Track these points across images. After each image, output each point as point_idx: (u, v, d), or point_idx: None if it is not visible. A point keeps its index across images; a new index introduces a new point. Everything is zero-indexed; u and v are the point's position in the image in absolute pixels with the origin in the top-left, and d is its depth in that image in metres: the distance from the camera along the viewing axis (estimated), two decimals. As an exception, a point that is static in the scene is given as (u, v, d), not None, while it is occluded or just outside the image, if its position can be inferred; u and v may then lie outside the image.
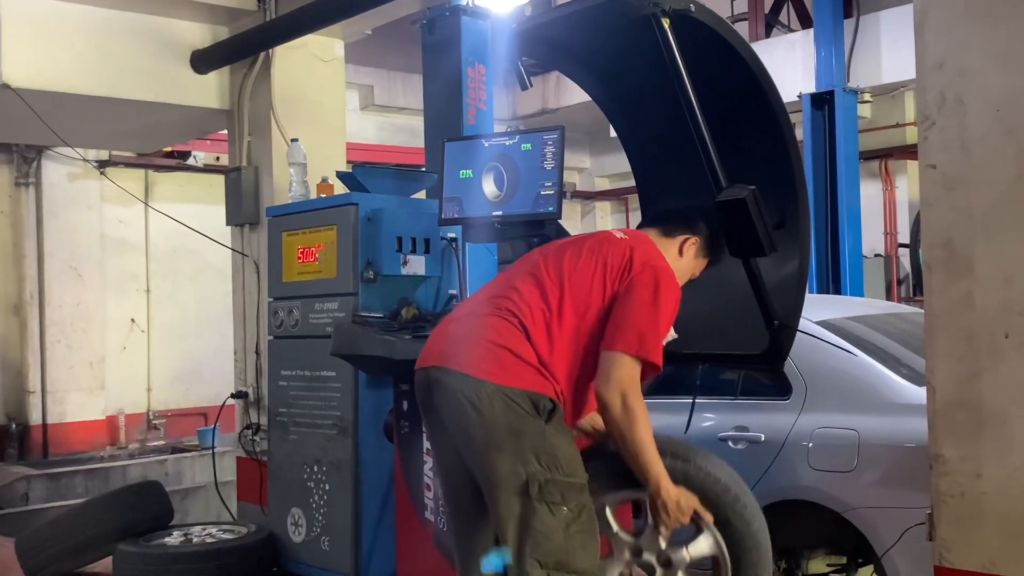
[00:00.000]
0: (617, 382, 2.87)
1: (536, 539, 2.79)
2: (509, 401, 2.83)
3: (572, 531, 2.83)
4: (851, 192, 10.34)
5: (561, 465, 2.85)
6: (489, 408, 2.82)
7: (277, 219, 5.16)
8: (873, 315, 5.23)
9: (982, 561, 2.81)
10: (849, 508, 4.27)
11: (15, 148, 10.40)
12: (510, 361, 2.88)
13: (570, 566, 2.80)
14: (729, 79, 3.63)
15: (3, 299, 10.53)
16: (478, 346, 2.92)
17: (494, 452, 2.83)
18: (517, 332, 2.91)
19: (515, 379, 2.87)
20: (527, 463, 2.82)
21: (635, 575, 3.12)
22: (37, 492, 9.01)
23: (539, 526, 2.79)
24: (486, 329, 2.94)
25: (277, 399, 5.12)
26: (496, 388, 2.84)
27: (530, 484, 2.81)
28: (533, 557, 2.79)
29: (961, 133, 2.85)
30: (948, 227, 2.89)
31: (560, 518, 2.81)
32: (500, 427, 2.82)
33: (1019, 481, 2.75)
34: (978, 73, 2.82)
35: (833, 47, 10.58)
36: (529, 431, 2.84)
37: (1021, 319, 2.74)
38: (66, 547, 4.85)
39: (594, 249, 3.06)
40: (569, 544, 2.81)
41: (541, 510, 2.80)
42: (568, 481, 2.85)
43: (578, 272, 3.00)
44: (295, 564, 4.94)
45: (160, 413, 11.50)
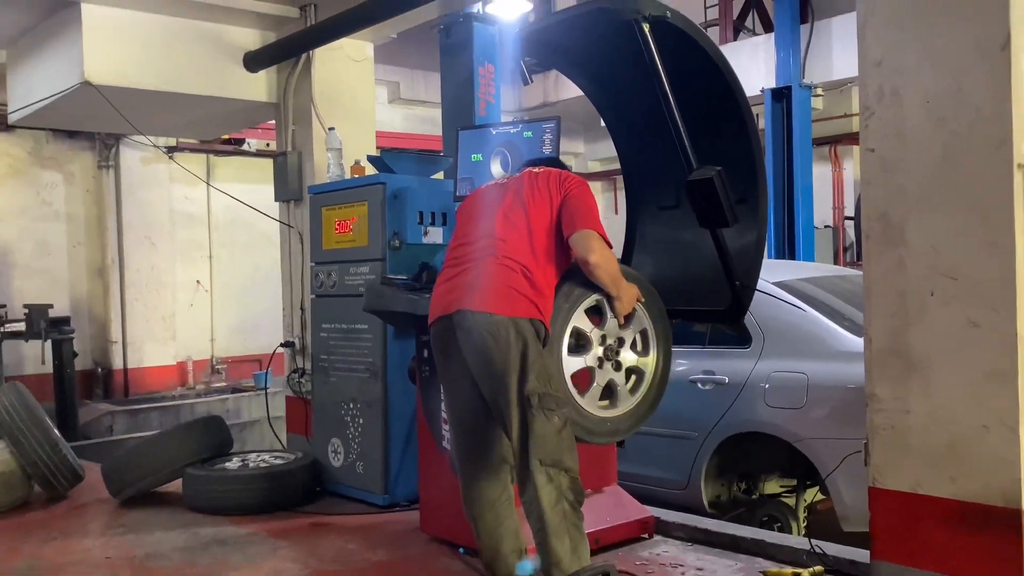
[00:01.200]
0: (594, 248, 3.09)
1: (536, 441, 2.92)
2: (518, 329, 2.97)
3: (563, 435, 2.97)
4: (805, 173, 10.31)
5: (552, 381, 3.02)
6: (505, 336, 2.96)
7: (317, 196, 5.15)
8: (821, 277, 5.23)
9: (909, 482, 2.84)
10: (799, 439, 4.30)
11: (97, 136, 10.38)
12: (516, 297, 3.02)
13: (563, 463, 2.95)
14: (701, 76, 3.59)
15: (89, 264, 10.56)
16: (490, 289, 3.04)
17: (508, 372, 2.95)
18: (516, 274, 3.06)
19: (521, 310, 3.00)
20: (529, 380, 2.95)
21: (604, 369, 3.30)
22: (119, 425, 9.08)
23: (539, 430, 2.93)
24: (493, 275, 3.07)
25: (319, 348, 5.14)
26: (508, 320, 2.98)
27: (531, 396, 2.94)
28: (536, 457, 2.92)
29: (897, 122, 2.84)
30: (884, 203, 2.88)
31: (553, 424, 2.95)
32: (513, 350, 2.95)
33: (940, 416, 2.77)
34: (912, 70, 2.81)
35: (791, 49, 10.52)
36: (531, 353, 2.97)
37: (945, 280, 2.74)
38: (144, 470, 4.88)
39: (534, 185, 3.25)
40: (561, 446, 2.96)
41: (540, 417, 2.93)
42: (558, 395, 3.02)
43: (535, 205, 3.18)
44: (335, 485, 4.98)
45: (222, 360, 11.56)
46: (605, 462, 4.02)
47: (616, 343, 3.33)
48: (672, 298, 4.00)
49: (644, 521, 3.98)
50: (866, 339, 2.95)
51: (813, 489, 4.58)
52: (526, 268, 3.06)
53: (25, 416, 4.99)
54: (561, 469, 2.93)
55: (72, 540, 4.29)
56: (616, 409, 3.33)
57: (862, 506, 3.08)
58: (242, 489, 4.68)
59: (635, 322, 3.39)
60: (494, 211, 3.23)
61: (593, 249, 3.08)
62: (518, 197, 3.23)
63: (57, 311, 8.39)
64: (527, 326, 2.98)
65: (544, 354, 3.01)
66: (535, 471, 2.91)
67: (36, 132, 9.92)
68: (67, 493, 5.15)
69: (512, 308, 2.99)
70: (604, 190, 15.78)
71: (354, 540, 4.13)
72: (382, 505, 4.66)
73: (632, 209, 4.28)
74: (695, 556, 3.73)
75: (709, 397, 4.69)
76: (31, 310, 7.97)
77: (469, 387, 3.11)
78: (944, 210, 2.74)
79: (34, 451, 4.91)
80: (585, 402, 3.23)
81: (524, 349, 2.95)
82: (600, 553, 3.71)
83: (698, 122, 3.44)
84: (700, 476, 4.67)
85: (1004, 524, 2.63)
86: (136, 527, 4.47)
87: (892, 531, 2.90)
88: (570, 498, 2.94)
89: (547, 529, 2.89)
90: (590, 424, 3.22)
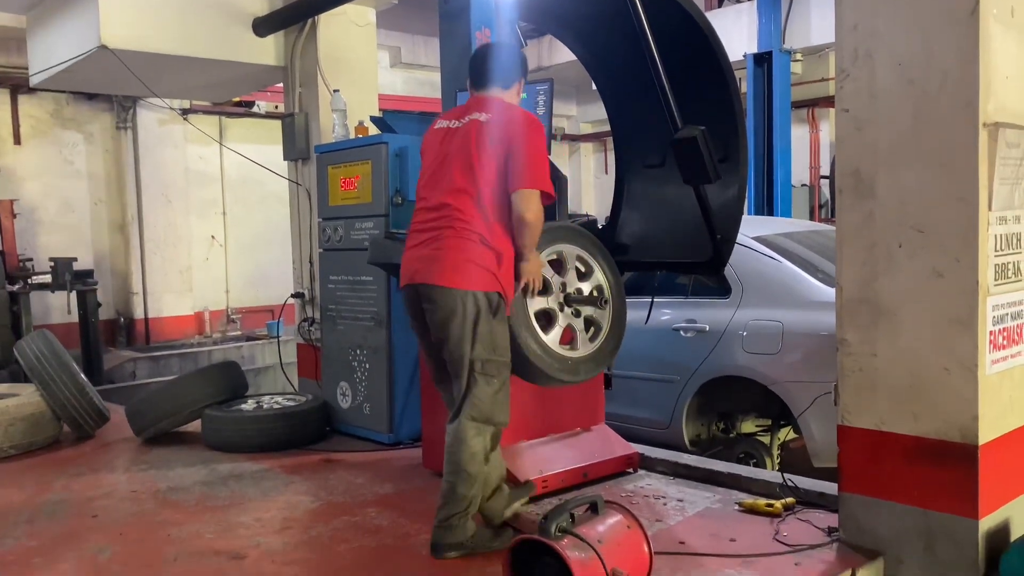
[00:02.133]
0: (528, 209, 3.02)
1: (472, 401, 3.04)
2: (475, 301, 3.02)
3: (498, 397, 3.08)
4: (783, 134, 10.23)
5: (497, 348, 3.08)
6: (462, 309, 3.01)
7: (323, 155, 5.10)
8: (797, 232, 5.21)
9: (874, 420, 2.87)
10: (774, 382, 4.33)
11: (114, 99, 10.25)
12: (473, 270, 3.03)
13: (493, 420, 3.08)
14: (686, 41, 3.55)
15: (110, 221, 10.50)
16: (449, 264, 3.04)
17: (461, 340, 3.03)
18: (474, 244, 3.04)
19: (478, 283, 3.03)
20: (476, 348, 3.03)
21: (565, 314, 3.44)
22: (142, 370, 9.11)
23: (477, 392, 3.04)
24: (452, 248, 3.05)
25: (327, 298, 5.14)
26: (467, 292, 3.02)
27: (474, 362, 3.03)
28: (468, 413, 3.04)
29: (870, 83, 2.81)
30: (857, 160, 2.87)
31: (492, 388, 3.06)
32: (467, 321, 3.01)
33: (905, 360, 2.79)
34: (885, 34, 2.78)
35: (772, 15, 10.37)
36: (481, 324, 3.03)
37: (912, 232, 2.75)
38: (165, 411, 4.90)
39: (479, 142, 3.08)
40: (495, 406, 3.07)
41: (480, 381, 3.04)
42: (501, 360, 3.09)
43: (483, 168, 3.06)
44: (343, 425, 5.02)
45: (236, 310, 11.56)
46: (593, 403, 4.06)
47: (576, 292, 3.46)
48: (657, 251, 4.01)
49: (629, 457, 4.02)
50: (837, 288, 2.96)
51: (786, 428, 4.63)
52: (483, 236, 3.04)
53: (53, 361, 5.00)
54: (491, 424, 3.08)
55: (100, 475, 4.34)
56: (576, 351, 3.44)
57: (831, 443, 3.11)
58: (257, 429, 4.71)
59: (592, 279, 3.51)
60: (449, 172, 3.12)
61: (530, 209, 3.03)
62: (466, 157, 3.10)
63: (81, 265, 8.37)
64: (482, 298, 3.03)
65: (494, 323, 3.06)
66: (466, 426, 3.04)
67: (57, 95, 9.80)
68: (94, 433, 5.19)
69: (469, 282, 3.02)
70: (595, 151, 15.69)
71: (362, 475, 4.18)
72: (387, 443, 4.71)
73: (621, 168, 4.26)
74: (676, 488, 3.78)
75: (691, 344, 4.71)
76: (56, 263, 7.95)
77: (435, 344, 3.19)
78: (913, 167, 2.73)
79: (62, 394, 4.93)
80: (549, 339, 3.35)
81: (476, 319, 3.02)
82: (588, 486, 3.78)
83: (683, 84, 3.41)
84: (682, 416, 4.72)
85: (961, 458, 2.67)
86: (158, 463, 4.51)
87: (859, 465, 2.94)
88: (487, 446, 3.08)
89: (459, 474, 3.03)
90: (554, 360, 3.32)
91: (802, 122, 11.64)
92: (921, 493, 2.77)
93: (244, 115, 11.14)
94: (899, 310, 2.78)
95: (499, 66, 3.31)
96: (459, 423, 3.05)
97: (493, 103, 3.21)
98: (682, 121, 3.36)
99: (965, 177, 2.62)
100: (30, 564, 3.10)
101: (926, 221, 2.70)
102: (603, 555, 2.41)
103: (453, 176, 3.10)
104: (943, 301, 2.68)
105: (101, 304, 8.53)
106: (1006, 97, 2.68)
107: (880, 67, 2.78)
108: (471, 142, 3.11)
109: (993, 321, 2.68)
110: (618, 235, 4.16)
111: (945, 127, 2.65)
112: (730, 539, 3.11)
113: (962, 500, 2.68)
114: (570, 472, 3.76)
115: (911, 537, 2.80)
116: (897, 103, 2.75)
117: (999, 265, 2.70)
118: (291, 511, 3.66)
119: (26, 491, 4.08)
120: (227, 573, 2.98)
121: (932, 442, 2.73)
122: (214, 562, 3.08)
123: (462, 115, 3.24)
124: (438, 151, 3.23)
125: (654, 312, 4.43)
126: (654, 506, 3.54)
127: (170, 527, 3.47)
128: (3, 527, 3.53)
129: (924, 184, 2.70)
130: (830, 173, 11.24)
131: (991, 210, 2.64)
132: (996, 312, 2.70)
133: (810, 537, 3.08)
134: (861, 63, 2.82)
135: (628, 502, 3.50)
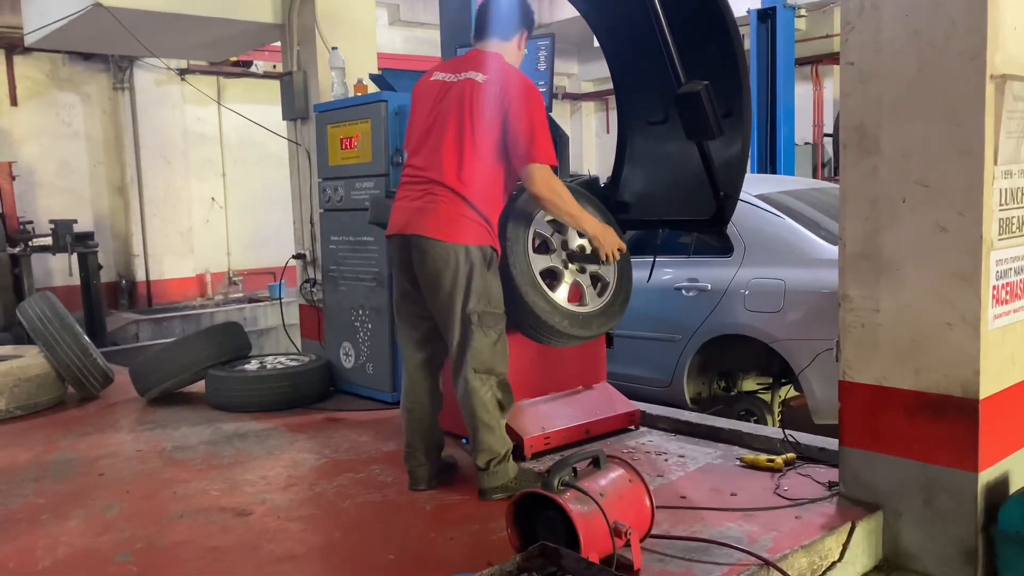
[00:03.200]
0: (542, 183, 3.05)
1: (473, 353, 3.08)
2: (468, 255, 3.04)
3: (497, 347, 3.12)
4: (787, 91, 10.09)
5: (492, 300, 3.11)
6: (455, 262, 3.03)
7: (323, 114, 5.06)
8: (800, 190, 5.19)
9: (876, 376, 2.88)
10: (775, 340, 4.35)
11: (111, 59, 10.15)
12: (467, 224, 3.05)
13: (495, 370, 3.13)
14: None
15: (109, 182, 10.46)
16: (443, 216, 3.05)
17: (454, 294, 3.05)
18: (466, 203, 3.05)
19: (471, 237, 3.05)
20: (471, 301, 3.05)
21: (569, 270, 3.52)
22: (145, 332, 9.14)
23: (476, 344, 3.08)
24: (445, 201, 3.06)
25: (328, 259, 5.14)
26: (460, 247, 3.04)
27: (471, 315, 3.06)
28: (471, 366, 3.08)
29: (876, 35, 2.77)
30: (861, 114, 2.84)
31: (490, 338, 3.09)
32: (460, 275, 3.04)
33: (906, 316, 2.79)
34: (892, -16, 2.72)
35: (776, -30, 10.17)
36: (476, 278, 3.05)
37: (915, 187, 2.73)
38: (168, 371, 4.93)
39: (474, 109, 3.05)
40: (494, 356, 3.12)
41: (479, 332, 3.07)
42: (497, 312, 3.13)
43: (479, 131, 3.05)
44: (346, 384, 5.04)
45: (238, 272, 11.57)
46: (595, 362, 4.07)
47: (579, 249, 3.51)
48: (659, 208, 3.99)
49: (631, 414, 4.05)
50: (840, 244, 2.95)
51: (787, 386, 4.65)
52: (476, 195, 3.06)
53: (56, 323, 5.02)
54: (493, 375, 3.11)
55: (105, 435, 4.37)
56: (586, 307, 3.52)
57: (832, 401, 3.13)
58: (261, 388, 4.74)
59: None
60: (441, 137, 3.10)
61: (544, 183, 3.04)
62: (459, 123, 3.06)
63: (81, 227, 8.35)
64: (476, 252, 3.05)
65: (488, 276, 3.09)
66: (470, 377, 3.09)
67: (52, 55, 9.71)
68: (99, 394, 5.22)
69: (462, 236, 3.03)
70: (597, 110, 15.57)
71: (365, 433, 4.21)
72: (390, 402, 4.73)
73: (623, 125, 4.22)
74: (677, 444, 3.81)
75: (693, 303, 4.71)
76: (57, 225, 7.94)
77: (421, 298, 3.19)
78: (918, 120, 2.70)
79: (66, 355, 4.96)
80: (557, 297, 3.42)
81: (470, 273, 3.04)
82: (590, 442, 3.81)
83: (686, 39, 3.36)
84: (683, 374, 4.74)
85: (962, 412, 2.68)
86: (163, 423, 4.55)
87: (859, 420, 2.95)
88: (499, 396, 3.14)
89: (477, 424, 3.13)
90: (564, 317, 3.39)
91: (806, 80, 11.53)
92: (921, 447, 2.79)
93: (242, 75, 11.04)
94: (902, 265, 2.78)
95: (498, 16, 3.24)
96: (464, 377, 3.09)
97: (491, 61, 3.15)
98: (685, 76, 3.32)
99: (970, 131, 2.59)
100: (39, 521, 3.14)
101: (930, 175, 2.68)
102: (605, 508, 2.43)
103: (446, 143, 3.08)
104: (946, 256, 2.67)
105: (102, 266, 8.53)
106: (1014, 48, 2.64)
107: (886, 18, 2.74)
108: (465, 107, 3.07)
109: (996, 276, 2.68)
110: (620, 193, 4.14)
111: (951, 79, 2.61)
112: (731, 493, 3.14)
113: (962, 454, 2.70)
114: (572, 429, 3.79)
115: (911, 491, 2.83)
116: (903, 55, 2.71)
117: (1003, 219, 2.68)
118: (295, 468, 3.69)
119: (33, 450, 4.12)
120: (232, 529, 3.01)
121: (933, 397, 2.74)
122: (219, 518, 3.11)
123: (459, 69, 3.19)
124: (431, 108, 3.18)
125: (656, 271, 4.43)
126: (655, 462, 3.57)
127: (176, 485, 3.51)
128: (11, 485, 3.57)
129: (929, 138, 2.68)
130: (834, 131, 11.16)
131: (996, 164, 2.62)
132: (999, 267, 2.69)
133: (810, 491, 3.11)
134: (867, 14, 2.78)
135: (630, 458, 3.53)
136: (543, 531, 2.49)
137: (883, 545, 2.92)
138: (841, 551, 2.77)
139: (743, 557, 2.57)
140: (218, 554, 2.80)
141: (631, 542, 2.47)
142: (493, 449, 3.14)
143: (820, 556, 2.71)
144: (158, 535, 2.98)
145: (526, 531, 2.55)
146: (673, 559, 2.58)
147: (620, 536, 2.44)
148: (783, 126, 10.02)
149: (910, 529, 2.85)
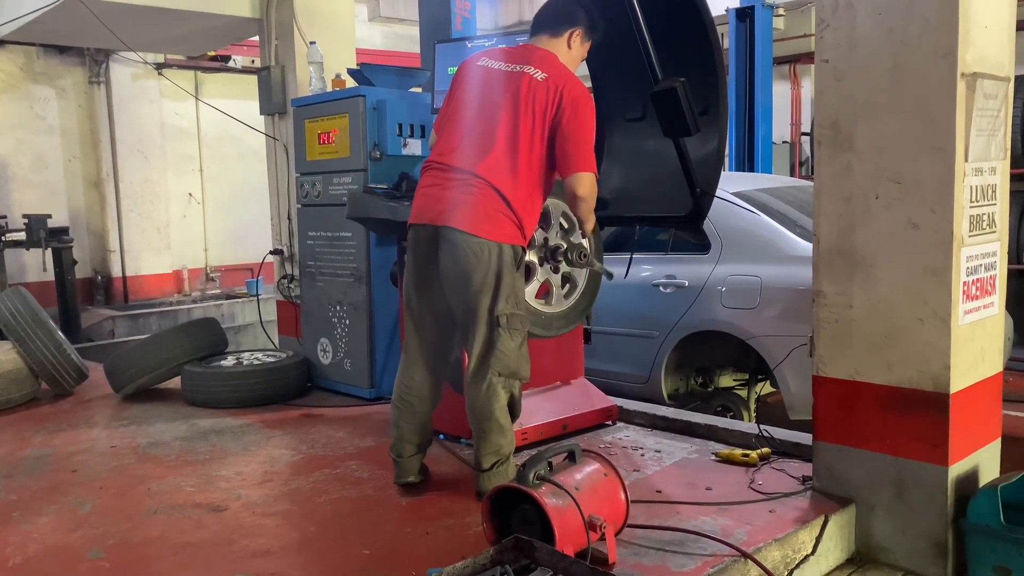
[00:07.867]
0: (591, 191, 3.02)
1: (498, 356, 2.98)
2: (500, 253, 2.94)
3: (522, 351, 3.04)
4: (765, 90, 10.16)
5: (520, 302, 3.04)
6: (487, 259, 2.93)
7: (300, 109, 5.03)
8: (777, 187, 5.22)
9: (849, 371, 2.91)
10: (752, 336, 4.37)
11: (87, 52, 10.02)
12: (502, 221, 2.95)
13: (519, 374, 3.04)
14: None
15: (85, 177, 10.33)
16: (478, 211, 2.94)
17: (482, 292, 2.94)
18: (503, 200, 2.94)
19: (506, 236, 2.95)
20: (500, 301, 2.96)
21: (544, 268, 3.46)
22: (121, 329, 9.04)
23: (503, 347, 2.98)
24: (482, 196, 2.94)
25: (306, 255, 5.11)
26: (493, 244, 2.93)
27: (500, 317, 2.96)
28: (495, 369, 2.98)
29: (850, 33, 2.80)
30: (835, 111, 2.87)
31: (515, 342, 3.00)
32: (490, 273, 2.93)
33: (880, 311, 2.82)
34: (866, -18, 2.75)
35: (755, -31, 10.22)
36: (505, 277, 2.95)
37: (889, 184, 2.75)
38: (144, 368, 4.87)
39: (528, 102, 2.97)
40: (520, 360, 3.03)
41: (505, 335, 2.97)
42: (522, 314, 3.05)
43: (534, 133, 2.97)
44: (324, 381, 5.02)
45: (215, 268, 11.48)
46: (573, 357, 4.08)
47: (558, 248, 3.45)
48: (637, 205, 3.99)
49: (608, 409, 4.06)
50: (815, 240, 2.97)
51: (763, 382, 4.68)
52: (513, 194, 2.96)
53: (29, 318, 4.95)
54: (517, 378, 3.04)
55: (79, 431, 4.33)
56: (550, 307, 3.49)
57: (807, 397, 3.15)
58: (237, 384, 4.70)
59: (574, 236, 3.48)
60: (491, 125, 2.99)
61: (583, 185, 2.98)
62: (512, 119, 2.97)
63: (56, 222, 8.24)
64: (508, 251, 2.94)
65: (517, 276, 3.01)
66: (494, 380, 2.99)
67: (27, 47, 9.57)
68: (73, 390, 5.16)
69: (498, 233, 2.93)
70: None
71: (343, 429, 4.19)
72: (368, 398, 4.72)
73: (601, 122, 4.21)
74: (654, 440, 3.83)
75: (670, 299, 4.74)
76: (31, 219, 7.83)
77: (439, 291, 3.08)
78: (892, 117, 2.72)
79: (39, 350, 4.89)
80: (527, 291, 3.36)
81: (500, 272, 2.93)
82: (568, 437, 3.81)
83: (664, 36, 3.37)
84: (660, 370, 4.76)
85: (933, 406, 2.71)
86: (138, 419, 4.51)
87: (833, 415, 2.98)
88: (517, 397, 3.08)
89: (492, 425, 3.02)
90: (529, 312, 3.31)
91: (784, 79, 11.61)
92: (893, 441, 2.82)
93: (220, 70, 10.95)
94: (875, 261, 2.80)
95: (548, 12, 3.18)
96: (487, 380, 2.98)
97: (549, 59, 3.08)
98: (663, 73, 3.33)
99: (943, 128, 2.62)
100: (9, 518, 3.10)
101: (903, 172, 2.71)
102: (580, 502, 2.44)
103: (498, 138, 2.97)
104: (918, 252, 2.70)
105: (77, 262, 8.43)
106: (985, 47, 2.68)
107: (860, 16, 2.76)
108: (521, 102, 2.98)
109: (967, 272, 2.71)
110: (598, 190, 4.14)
111: (924, 77, 2.64)
112: (706, 487, 3.16)
113: (933, 448, 2.73)
114: (550, 424, 3.80)
115: (883, 484, 2.86)
116: (877, 53, 2.74)
117: (974, 216, 2.72)
118: (272, 464, 3.67)
119: (4, 447, 4.06)
120: (207, 525, 2.99)
121: (905, 391, 2.77)
122: (194, 514, 3.09)
123: (515, 61, 3.07)
124: (479, 95, 3.07)
125: (634, 268, 4.44)
126: (632, 456, 3.59)
127: (150, 481, 3.47)
128: (-18, 482, 3.52)
129: (902, 135, 2.70)
130: (811, 130, 11.25)
131: (967, 161, 2.65)
132: (970, 263, 2.72)
133: (785, 485, 3.14)
134: (842, 12, 2.80)
135: (606, 452, 3.54)
136: (519, 525, 2.49)
137: (856, 538, 2.95)
138: (814, 544, 2.79)
139: (717, 549, 2.58)
140: (192, 549, 2.78)
141: (606, 535, 2.47)
142: (502, 451, 3.05)
143: (793, 549, 2.73)
144: (131, 531, 2.95)
145: (502, 526, 2.55)
146: (648, 552, 2.59)
147: (595, 530, 2.45)
148: (761, 124, 10.08)
149: (882, 522, 2.88)
